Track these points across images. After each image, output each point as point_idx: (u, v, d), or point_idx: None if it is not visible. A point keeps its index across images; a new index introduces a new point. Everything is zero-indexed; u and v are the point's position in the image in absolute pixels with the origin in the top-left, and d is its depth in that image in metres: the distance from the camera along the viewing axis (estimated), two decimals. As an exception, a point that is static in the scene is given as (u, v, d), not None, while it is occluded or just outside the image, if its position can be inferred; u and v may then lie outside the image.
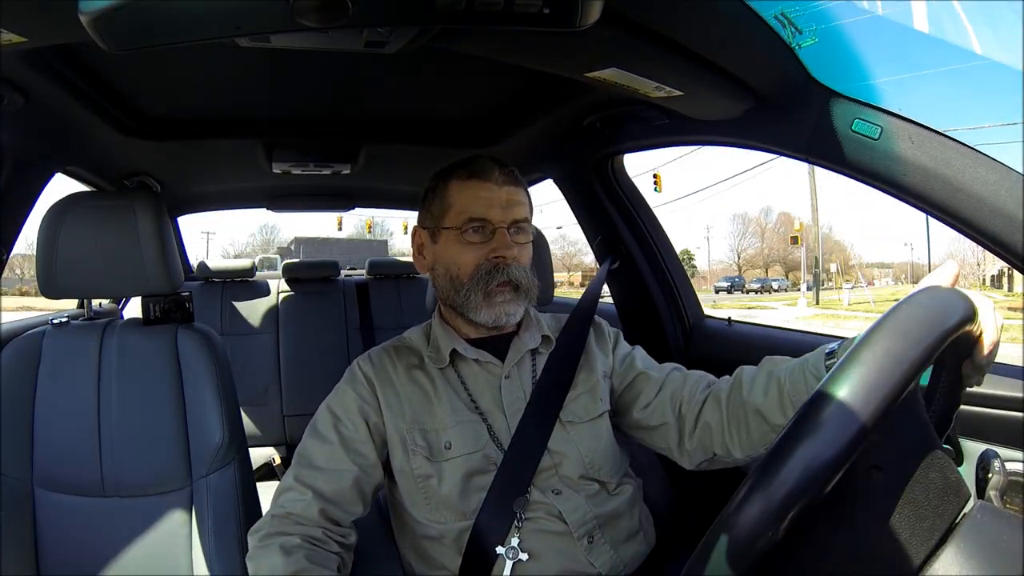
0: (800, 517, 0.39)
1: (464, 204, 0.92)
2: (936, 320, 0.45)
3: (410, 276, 2.77)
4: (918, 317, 0.45)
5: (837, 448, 0.40)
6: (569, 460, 0.92)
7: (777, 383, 0.82)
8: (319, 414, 0.95)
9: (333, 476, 0.88)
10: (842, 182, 4.92)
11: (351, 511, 0.89)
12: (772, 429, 0.82)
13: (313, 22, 0.59)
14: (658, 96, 0.94)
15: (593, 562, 0.87)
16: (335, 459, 0.89)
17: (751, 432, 0.86)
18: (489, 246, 0.91)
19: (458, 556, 0.87)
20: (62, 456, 1.09)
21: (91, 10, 0.55)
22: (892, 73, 0.75)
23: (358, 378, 0.95)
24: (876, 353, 0.43)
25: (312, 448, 0.91)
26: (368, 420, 0.92)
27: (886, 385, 0.41)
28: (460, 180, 0.93)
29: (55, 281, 1.09)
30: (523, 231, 0.95)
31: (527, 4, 0.61)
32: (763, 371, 0.87)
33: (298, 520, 0.85)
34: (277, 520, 0.86)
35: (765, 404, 0.83)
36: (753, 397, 0.85)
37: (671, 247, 1.67)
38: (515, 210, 0.93)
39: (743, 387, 0.88)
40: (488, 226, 0.91)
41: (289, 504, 0.87)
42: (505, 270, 0.90)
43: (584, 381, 0.97)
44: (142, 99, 1.36)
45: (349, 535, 0.89)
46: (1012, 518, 0.47)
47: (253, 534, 0.86)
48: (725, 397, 0.90)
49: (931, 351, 0.43)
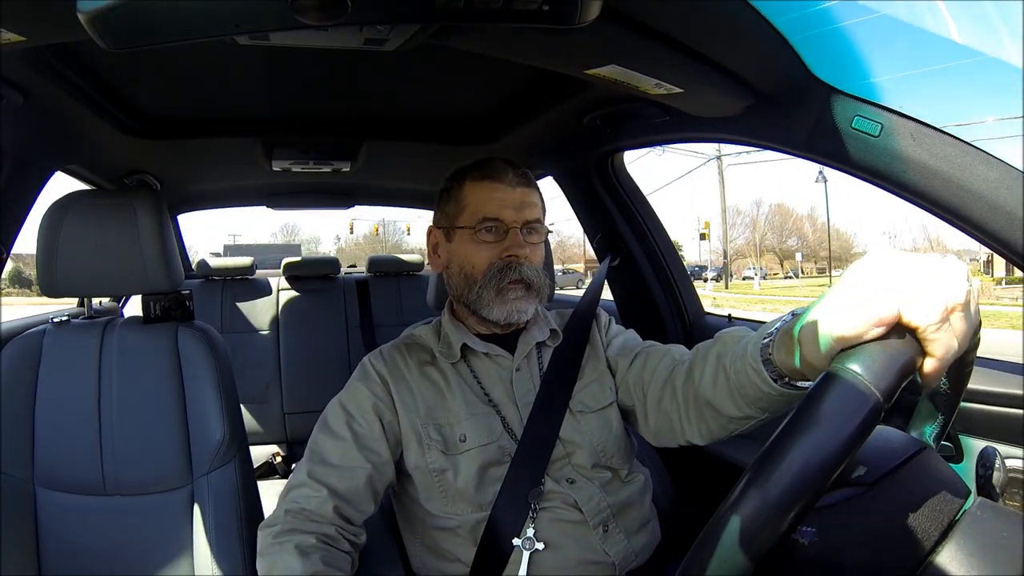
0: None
1: (478, 204, 0.94)
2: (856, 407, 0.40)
3: (410, 273, 2.77)
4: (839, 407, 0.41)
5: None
6: (581, 449, 0.93)
7: (724, 372, 0.77)
8: (331, 410, 0.95)
9: (347, 473, 0.88)
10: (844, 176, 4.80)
11: (364, 509, 0.89)
12: (729, 420, 0.79)
13: (312, 20, 0.58)
14: (658, 93, 0.94)
15: (608, 551, 0.88)
16: (349, 456, 0.89)
17: (708, 423, 0.84)
18: (502, 245, 0.93)
19: (473, 547, 0.88)
20: (63, 455, 1.09)
21: (90, 9, 0.55)
22: (893, 70, 0.75)
23: (371, 376, 0.96)
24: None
25: (325, 445, 0.91)
26: (382, 418, 0.92)
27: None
28: (474, 181, 0.96)
29: (55, 280, 1.09)
30: (535, 231, 0.97)
31: (526, 1, 0.60)
32: (713, 353, 0.82)
33: (312, 517, 0.85)
34: (291, 516, 0.85)
35: (715, 396, 0.79)
36: (704, 387, 0.81)
37: (671, 244, 1.68)
38: (528, 211, 0.95)
39: (695, 373, 0.84)
40: (501, 226, 0.93)
41: (303, 500, 0.86)
42: (517, 268, 0.92)
43: (592, 371, 0.99)
44: (142, 97, 1.36)
45: (360, 534, 0.89)
46: (1012, 515, 0.47)
47: (265, 529, 0.86)
48: (680, 385, 0.87)
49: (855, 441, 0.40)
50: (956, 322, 0.44)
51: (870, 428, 0.40)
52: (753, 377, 0.69)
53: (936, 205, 0.75)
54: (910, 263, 0.46)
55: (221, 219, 53.12)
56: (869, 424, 0.40)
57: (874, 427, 0.40)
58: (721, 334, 0.83)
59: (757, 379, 0.68)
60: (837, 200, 54.92)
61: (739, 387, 0.73)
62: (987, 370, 0.92)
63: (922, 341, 0.44)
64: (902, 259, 0.47)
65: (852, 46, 0.75)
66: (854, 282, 0.48)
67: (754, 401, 0.72)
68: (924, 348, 0.44)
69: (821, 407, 0.41)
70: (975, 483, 0.54)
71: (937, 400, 0.60)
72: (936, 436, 0.60)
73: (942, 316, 0.43)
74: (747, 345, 0.72)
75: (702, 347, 0.86)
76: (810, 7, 0.74)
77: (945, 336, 0.44)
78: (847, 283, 0.48)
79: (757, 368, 0.67)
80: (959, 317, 0.44)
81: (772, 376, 0.66)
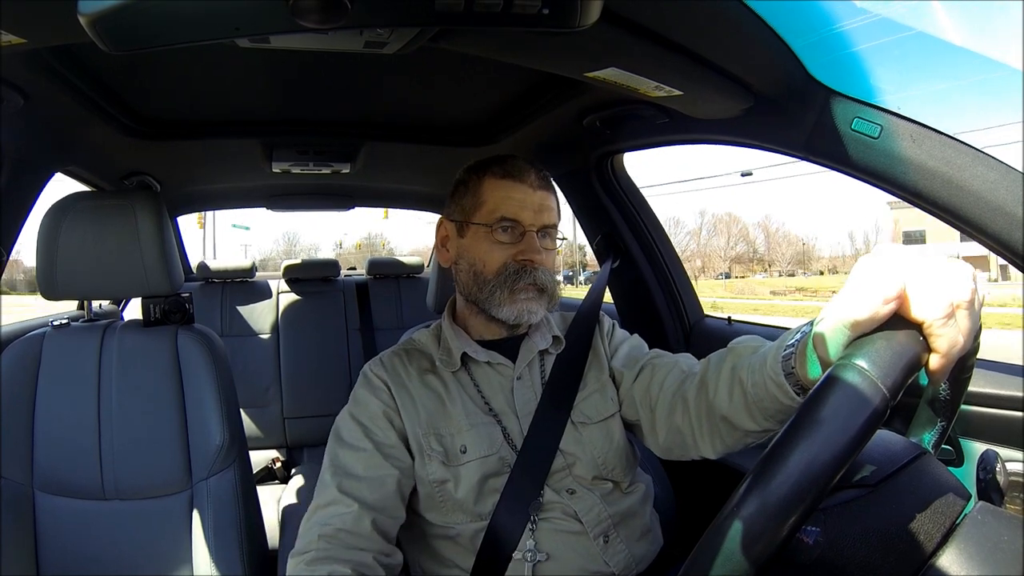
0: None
1: (497, 203, 0.92)
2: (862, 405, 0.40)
3: (410, 276, 2.77)
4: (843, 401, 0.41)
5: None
6: (581, 462, 0.91)
7: (741, 386, 0.75)
8: (343, 425, 0.92)
9: (376, 483, 0.85)
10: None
11: (397, 516, 0.87)
12: (746, 434, 0.78)
13: (313, 23, 0.58)
14: (658, 96, 0.94)
15: (608, 561, 0.87)
16: (374, 465, 0.87)
17: (723, 438, 0.82)
18: (517, 247, 0.91)
19: (472, 556, 0.87)
20: (62, 459, 1.09)
21: (90, 11, 0.55)
22: (892, 72, 0.75)
23: (376, 384, 0.94)
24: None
25: (347, 458, 0.88)
26: (394, 424, 0.91)
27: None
28: (495, 178, 0.93)
29: (55, 282, 1.09)
30: (551, 236, 0.95)
31: (526, 5, 0.60)
32: (727, 365, 0.79)
33: (348, 542, 0.80)
34: (325, 542, 0.80)
35: (731, 410, 0.77)
36: (719, 401, 0.79)
37: (671, 246, 1.67)
38: (546, 215, 0.93)
39: (708, 386, 0.82)
40: (519, 227, 0.91)
41: (337, 520, 0.81)
42: (532, 273, 0.90)
43: (594, 380, 0.97)
44: (142, 99, 1.36)
45: (394, 554, 0.84)
46: (1013, 518, 0.47)
47: (297, 556, 0.80)
48: (693, 398, 0.85)
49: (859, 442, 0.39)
50: (961, 319, 0.45)
51: (876, 423, 0.40)
52: (774, 391, 0.67)
53: (936, 206, 0.75)
54: (917, 258, 0.47)
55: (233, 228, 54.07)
56: (876, 418, 0.40)
57: (881, 422, 0.40)
58: (733, 345, 0.82)
59: (779, 392, 0.67)
60: (797, 204, 55.41)
61: (757, 400, 0.72)
62: (988, 372, 0.92)
63: (928, 336, 0.44)
64: (909, 253, 0.48)
65: (851, 48, 0.75)
66: (861, 273, 0.50)
67: (773, 414, 0.71)
68: (930, 343, 0.44)
69: (827, 402, 0.41)
70: (976, 486, 0.54)
71: (936, 406, 0.60)
72: (935, 443, 0.60)
73: (948, 311, 0.44)
74: (765, 357, 0.69)
75: (714, 359, 0.84)
76: (810, 9, 0.74)
77: (951, 331, 0.44)
78: (854, 275, 0.50)
79: (779, 381, 0.66)
80: (964, 315, 0.45)
81: (796, 390, 0.65)
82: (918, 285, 0.45)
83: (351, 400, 0.94)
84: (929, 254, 0.48)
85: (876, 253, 0.50)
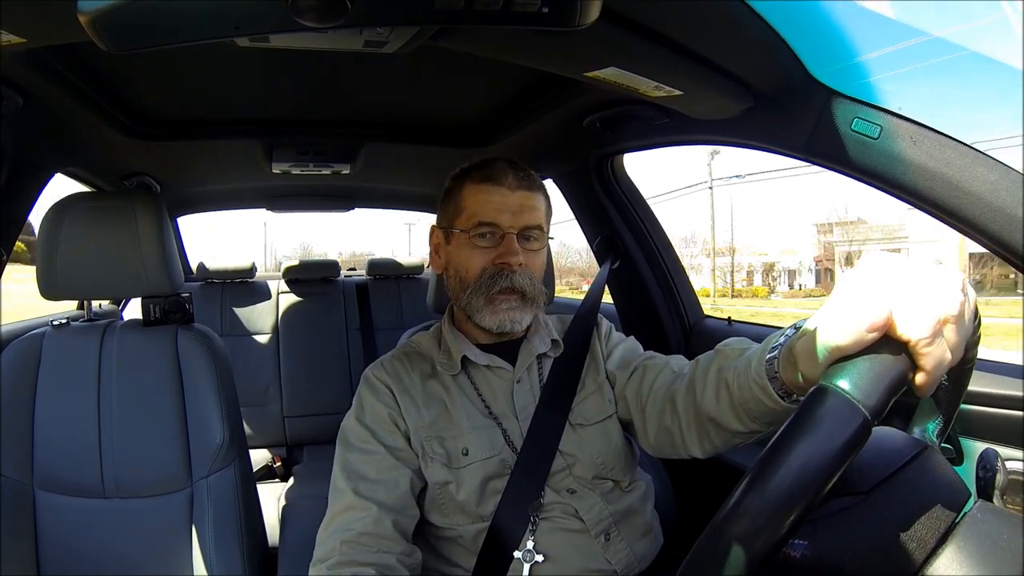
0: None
1: (475, 208, 0.92)
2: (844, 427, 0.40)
3: (410, 276, 2.77)
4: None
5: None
6: (581, 462, 0.92)
7: (727, 388, 0.75)
8: (351, 430, 0.92)
9: (391, 484, 0.86)
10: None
11: (413, 515, 0.87)
12: (733, 435, 0.78)
13: (312, 22, 0.58)
14: (658, 95, 0.94)
15: (610, 559, 0.88)
16: (387, 467, 0.87)
17: (711, 438, 0.82)
18: (496, 251, 0.91)
19: (474, 556, 0.87)
20: (62, 457, 1.09)
21: (90, 11, 0.55)
22: (892, 72, 0.75)
23: (379, 388, 0.94)
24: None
25: (359, 462, 0.88)
26: (399, 427, 0.91)
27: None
28: (474, 183, 0.93)
29: (55, 282, 1.09)
30: (535, 237, 0.94)
31: (526, 3, 0.60)
32: (714, 367, 0.79)
33: (370, 545, 0.81)
34: (347, 547, 0.80)
35: (718, 412, 0.77)
36: (706, 403, 0.79)
37: (670, 247, 1.67)
38: (527, 216, 0.92)
39: (695, 388, 0.82)
40: (497, 231, 0.91)
41: (358, 524, 0.82)
42: (509, 276, 0.90)
43: (592, 382, 0.98)
44: (142, 99, 1.36)
45: (414, 553, 0.85)
46: (1012, 517, 0.47)
47: (319, 564, 0.80)
48: (681, 400, 0.85)
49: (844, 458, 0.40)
50: (948, 334, 0.43)
51: (858, 445, 0.40)
52: (758, 394, 0.67)
53: (936, 207, 0.75)
54: (904, 270, 0.45)
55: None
56: (856, 441, 0.40)
57: (863, 444, 0.40)
58: (720, 347, 0.82)
59: (763, 396, 0.67)
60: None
61: (743, 403, 0.72)
62: (987, 372, 0.92)
63: (914, 355, 0.43)
64: (895, 265, 0.46)
65: (852, 48, 0.75)
66: (847, 290, 0.47)
67: (759, 416, 0.71)
68: (916, 362, 0.43)
69: (809, 424, 0.41)
70: (975, 485, 0.54)
71: (938, 396, 0.59)
72: (939, 432, 0.59)
73: (934, 330, 0.42)
74: (750, 360, 0.70)
75: (702, 360, 0.84)
76: (810, 9, 0.74)
77: (937, 350, 0.43)
78: (840, 292, 0.48)
79: (763, 384, 0.66)
80: (952, 329, 0.43)
81: (780, 393, 0.65)
82: (904, 305, 0.43)
83: (355, 404, 0.95)
84: (916, 265, 0.46)
85: (863, 268, 0.47)
